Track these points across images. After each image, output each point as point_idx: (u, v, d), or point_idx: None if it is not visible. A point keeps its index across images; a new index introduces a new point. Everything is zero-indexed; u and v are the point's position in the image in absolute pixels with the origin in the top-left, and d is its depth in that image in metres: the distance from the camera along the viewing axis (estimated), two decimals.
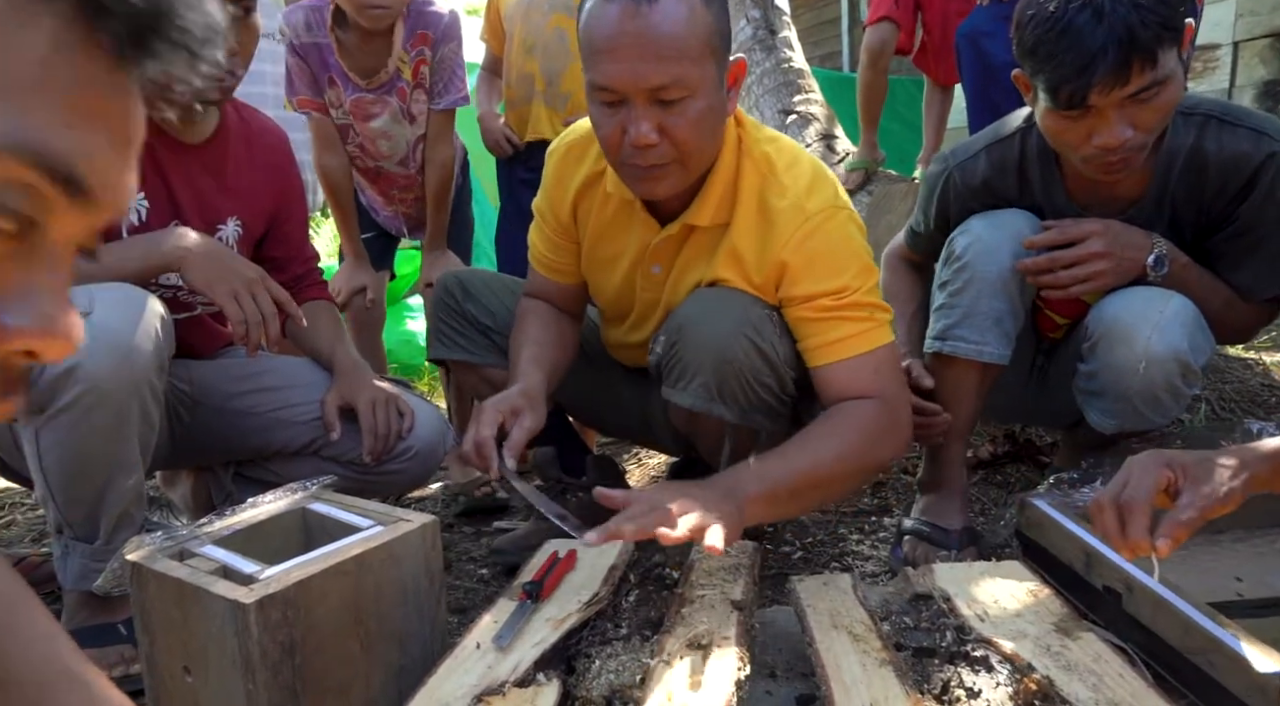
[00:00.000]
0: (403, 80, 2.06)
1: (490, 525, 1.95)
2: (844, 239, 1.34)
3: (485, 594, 1.58)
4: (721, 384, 1.31)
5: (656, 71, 1.18)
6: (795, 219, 1.32)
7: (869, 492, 1.96)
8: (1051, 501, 1.35)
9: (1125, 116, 1.27)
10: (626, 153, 1.24)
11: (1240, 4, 3.85)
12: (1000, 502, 1.85)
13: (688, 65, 1.20)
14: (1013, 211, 1.51)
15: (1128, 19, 1.20)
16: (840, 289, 1.30)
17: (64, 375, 1.15)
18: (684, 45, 1.19)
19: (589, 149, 1.45)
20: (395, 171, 2.21)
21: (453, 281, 1.63)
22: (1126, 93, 1.24)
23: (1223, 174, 1.38)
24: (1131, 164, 1.34)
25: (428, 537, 1.16)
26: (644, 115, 1.21)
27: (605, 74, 1.21)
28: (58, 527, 1.28)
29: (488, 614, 1.13)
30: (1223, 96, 3.98)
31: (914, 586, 1.18)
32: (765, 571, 1.49)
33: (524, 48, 2.29)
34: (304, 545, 1.21)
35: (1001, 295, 1.46)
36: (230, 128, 1.52)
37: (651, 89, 1.19)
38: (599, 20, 1.20)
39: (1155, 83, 1.24)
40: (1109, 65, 1.21)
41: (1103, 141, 1.29)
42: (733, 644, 0.99)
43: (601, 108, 1.24)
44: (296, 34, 2.03)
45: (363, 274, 2.22)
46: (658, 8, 1.17)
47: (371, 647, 1.08)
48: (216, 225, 1.51)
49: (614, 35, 1.18)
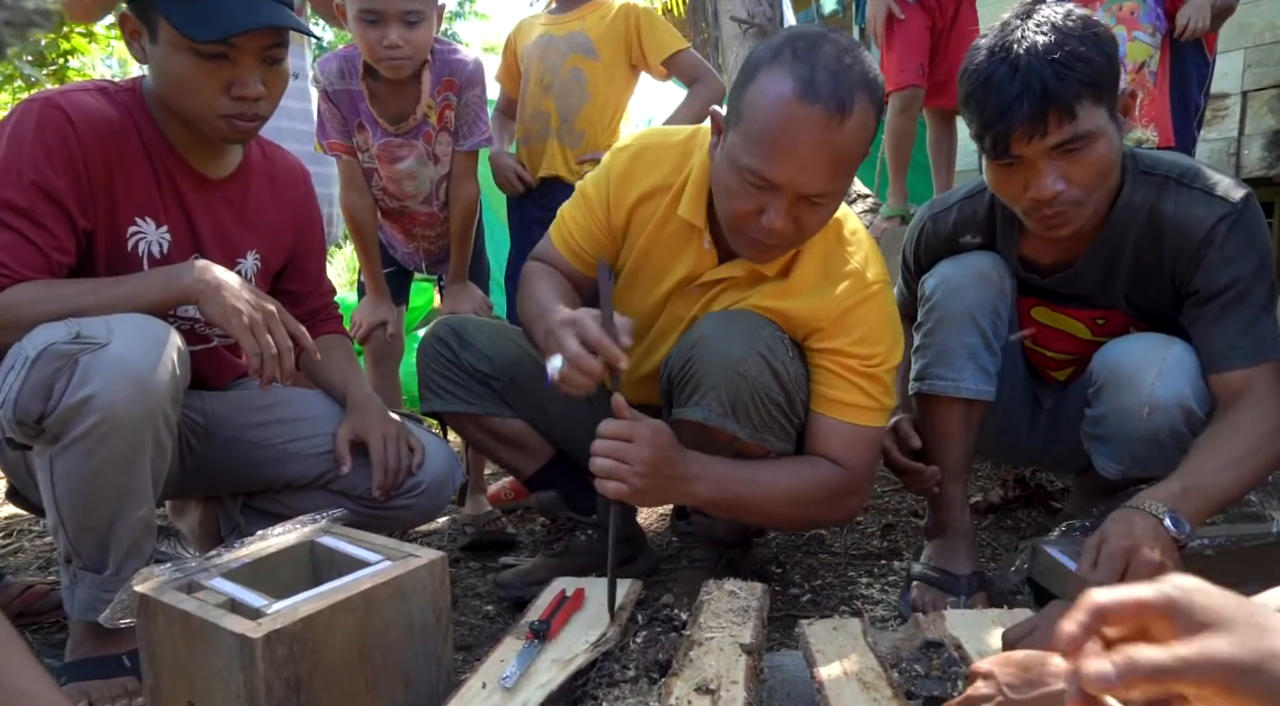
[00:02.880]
0: (429, 125, 2.11)
1: (496, 560, 1.94)
2: (888, 312, 1.41)
3: (491, 631, 1.56)
4: (735, 398, 1.33)
5: (822, 183, 1.21)
6: (857, 284, 1.38)
7: (879, 535, 1.95)
8: (1063, 548, 1.34)
9: (1056, 169, 1.28)
10: (754, 229, 1.27)
11: (1249, 55, 3.90)
12: (1011, 547, 1.83)
13: (845, 178, 1.25)
14: (978, 254, 1.54)
15: (1042, 72, 1.23)
16: (870, 356, 1.37)
17: (80, 404, 1.16)
18: (851, 163, 1.22)
19: (664, 159, 1.45)
20: (419, 210, 2.25)
21: (446, 330, 1.60)
22: (1048, 144, 1.26)
23: (1178, 238, 1.37)
24: (1071, 219, 1.34)
25: (436, 573, 1.15)
26: (788, 209, 1.23)
27: (772, 168, 1.19)
28: (67, 556, 1.27)
29: (494, 652, 1.12)
30: (1231, 145, 4.01)
31: (925, 633, 1.17)
32: (774, 613, 1.48)
33: (540, 86, 2.33)
34: (312, 579, 1.21)
35: (970, 330, 1.49)
36: (253, 163, 1.55)
37: (808, 195, 1.22)
38: (785, 114, 1.17)
39: (1078, 137, 1.25)
40: (1024, 114, 1.24)
41: (1034, 193, 1.30)
42: (741, 688, 0.97)
43: (747, 185, 1.23)
44: (330, 81, 2.09)
45: (384, 309, 2.25)
46: (847, 126, 1.17)
47: (377, 685, 1.07)
48: (236, 259, 1.53)
49: (796, 137, 1.17)
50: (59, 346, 1.16)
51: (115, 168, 1.35)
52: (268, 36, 1.34)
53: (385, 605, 1.08)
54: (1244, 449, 1.25)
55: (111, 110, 1.36)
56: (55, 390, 1.15)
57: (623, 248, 1.52)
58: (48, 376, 1.15)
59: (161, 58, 1.34)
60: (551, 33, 2.35)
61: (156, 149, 1.41)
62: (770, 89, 1.18)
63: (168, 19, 1.28)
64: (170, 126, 1.42)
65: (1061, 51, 1.24)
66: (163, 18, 1.29)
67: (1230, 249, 1.33)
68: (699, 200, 1.40)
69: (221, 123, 1.37)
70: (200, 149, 1.45)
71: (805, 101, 1.16)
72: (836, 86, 1.16)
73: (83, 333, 1.18)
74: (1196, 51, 2.77)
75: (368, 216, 2.21)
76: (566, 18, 2.35)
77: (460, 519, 2.18)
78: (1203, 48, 2.78)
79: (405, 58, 1.97)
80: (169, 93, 1.37)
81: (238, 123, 1.37)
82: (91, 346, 1.17)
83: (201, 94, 1.34)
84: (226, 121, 1.36)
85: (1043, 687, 0.76)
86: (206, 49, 1.30)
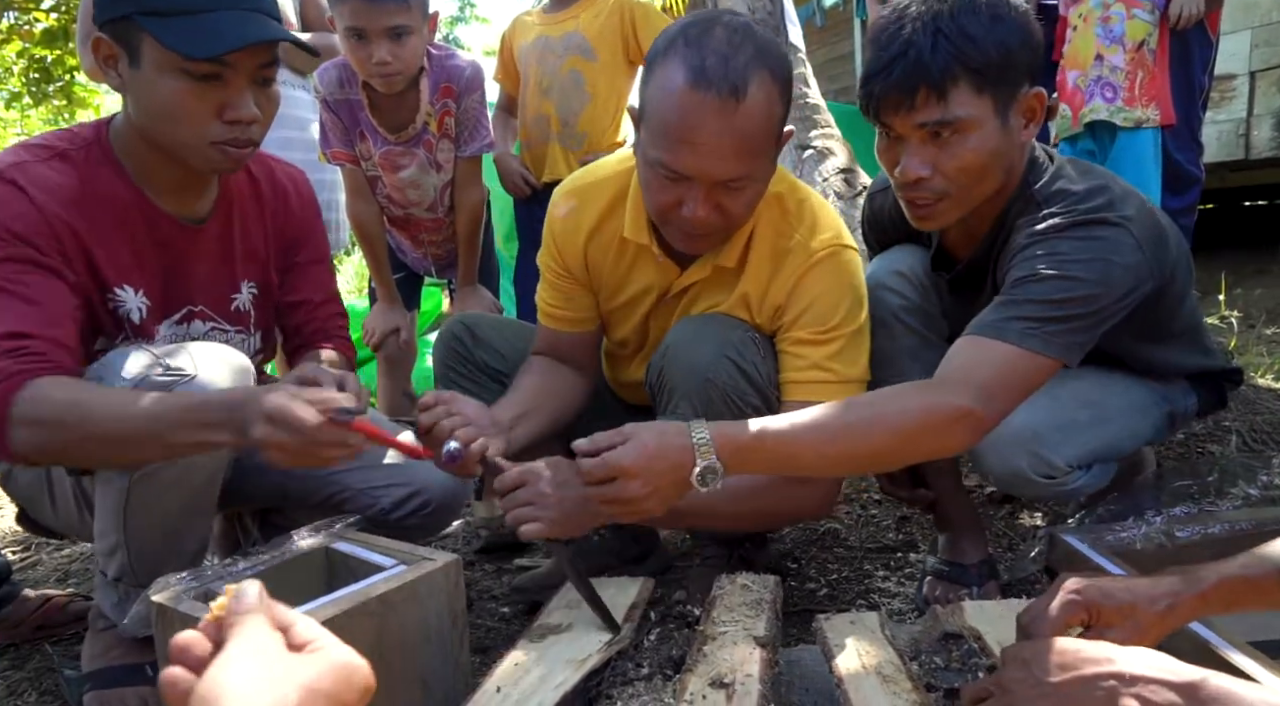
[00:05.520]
0: (429, 132, 2.11)
1: (511, 562, 1.94)
2: (838, 276, 1.35)
3: (507, 633, 1.56)
4: (707, 404, 1.31)
5: (730, 168, 1.19)
6: (802, 254, 1.35)
7: (894, 528, 1.94)
8: (1081, 536, 1.33)
9: (926, 153, 1.21)
10: (679, 220, 1.26)
11: (1256, 34, 3.86)
12: (1029, 536, 1.82)
13: (757, 159, 1.22)
14: (900, 248, 1.50)
15: (920, 43, 1.15)
16: (822, 324, 1.33)
17: None
18: (759, 143, 1.20)
19: (593, 196, 1.46)
20: (424, 217, 2.25)
21: (460, 328, 1.61)
22: (915, 120, 1.18)
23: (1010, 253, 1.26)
24: (935, 213, 1.26)
25: (451, 577, 1.15)
26: (705, 198, 1.22)
27: (677, 160, 1.19)
28: (118, 575, 1.27)
29: (510, 655, 1.12)
30: (1240, 126, 3.98)
31: (943, 625, 1.16)
32: (790, 608, 1.47)
33: (539, 89, 2.33)
34: (328, 584, 1.21)
35: (903, 332, 1.44)
36: (232, 191, 1.44)
37: (721, 181, 1.21)
38: (680, 105, 1.16)
39: (945, 121, 1.17)
40: (893, 81, 1.17)
41: (898, 172, 1.25)
42: (756, 682, 0.97)
43: (661, 178, 1.23)
44: (330, 91, 2.09)
45: (395, 315, 2.26)
46: (743, 108, 1.15)
47: (394, 689, 1.07)
48: (231, 295, 1.46)
49: (694, 127, 1.16)
50: (153, 379, 1.15)
51: (92, 239, 1.25)
52: (262, 54, 1.24)
53: (401, 609, 1.08)
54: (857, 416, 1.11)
55: (74, 179, 1.24)
56: None
57: (599, 291, 1.52)
58: None
59: (145, 82, 1.21)
60: (547, 34, 2.34)
61: (131, 208, 1.30)
62: (665, 80, 1.18)
63: (156, 37, 1.17)
64: (145, 170, 1.30)
65: (952, 25, 1.15)
66: (148, 36, 1.17)
67: (1031, 255, 1.20)
68: (640, 218, 1.39)
69: (213, 151, 1.25)
70: (178, 190, 1.34)
71: (698, 89, 1.14)
72: (727, 70, 1.14)
73: (170, 364, 1.16)
74: (1199, 32, 2.75)
75: (375, 224, 2.22)
76: (560, 16, 2.34)
77: (474, 522, 2.18)
78: (1205, 28, 2.76)
79: (395, 73, 1.97)
80: (154, 122, 1.25)
81: (229, 150, 1.26)
82: (182, 379, 1.16)
83: (192, 120, 1.22)
84: (218, 149, 1.25)
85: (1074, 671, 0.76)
86: (198, 69, 1.19)
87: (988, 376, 1.13)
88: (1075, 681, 0.75)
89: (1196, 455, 2.06)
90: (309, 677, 0.51)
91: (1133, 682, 0.72)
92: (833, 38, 7.74)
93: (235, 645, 0.52)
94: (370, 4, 1.90)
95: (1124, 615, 0.87)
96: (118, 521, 1.22)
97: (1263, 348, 2.86)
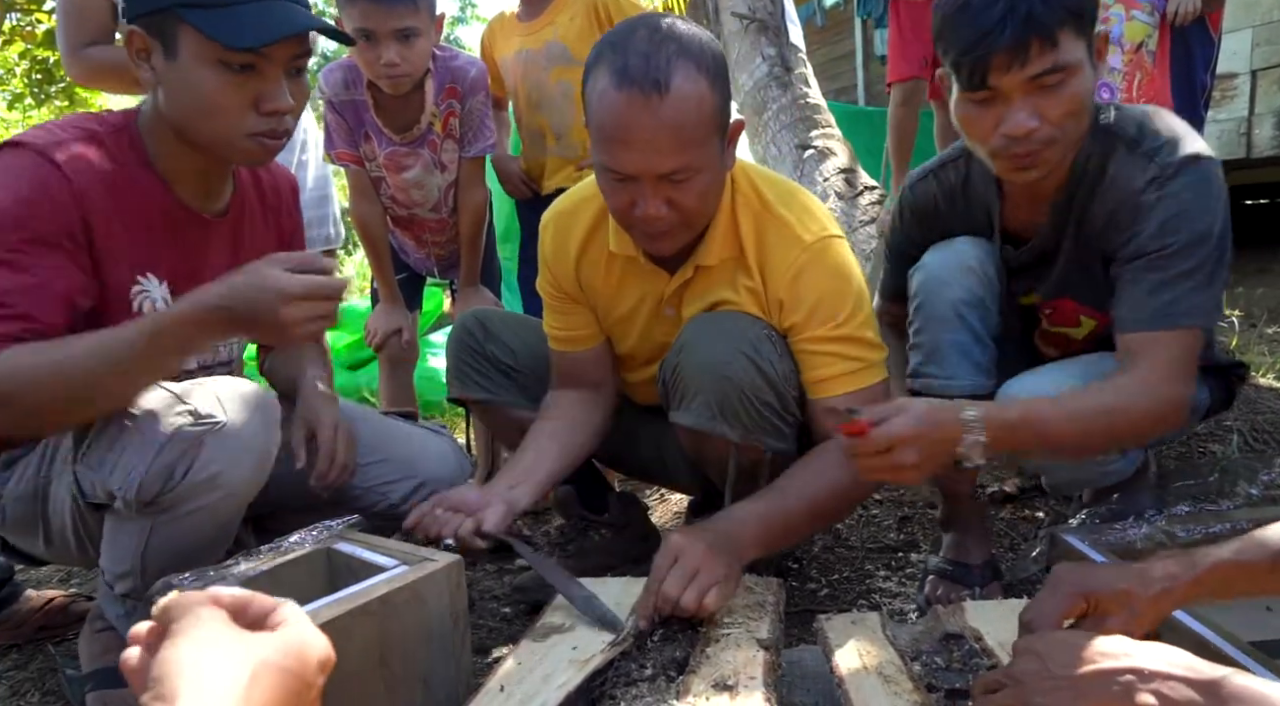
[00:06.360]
0: (434, 133, 2.11)
1: (513, 563, 1.94)
2: (836, 265, 1.37)
3: (509, 633, 1.57)
4: (723, 402, 1.32)
5: (668, 160, 1.21)
6: (792, 250, 1.36)
7: (895, 528, 1.94)
8: (1082, 536, 1.33)
9: (1030, 104, 1.22)
10: (636, 221, 1.28)
11: (1258, 33, 3.86)
12: (1030, 537, 1.82)
13: (696, 149, 1.22)
14: (964, 240, 1.48)
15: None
16: (834, 319, 1.35)
17: (205, 482, 1.17)
18: (693, 133, 1.21)
19: (577, 217, 1.49)
20: (428, 217, 2.26)
21: (473, 321, 1.64)
22: (1028, 73, 1.20)
23: (1113, 202, 1.32)
24: (1041, 161, 1.27)
25: (452, 577, 1.15)
26: (653, 193, 1.24)
27: (617, 161, 1.22)
28: (128, 593, 1.27)
29: (512, 654, 1.12)
30: (1241, 125, 3.97)
31: (945, 625, 1.16)
32: (791, 608, 1.47)
33: (530, 104, 2.32)
34: (329, 585, 1.21)
35: (958, 327, 1.43)
36: (244, 189, 1.48)
37: (662, 175, 1.22)
38: (609, 107, 1.20)
39: (1058, 68, 1.20)
40: (1006, 40, 1.18)
41: (1008, 128, 1.24)
42: (759, 684, 0.97)
43: (611, 181, 1.26)
44: (335, 92, 2.09)
45: (398, 315, 2.27)
46: (669, 100, 1.17)
47: (396, 689, 1.07)
48: None
49: (626, 126, 1.19)
50: (186, 431, 1.16)
51: (118, 225, 1.26)
52: (296, 44, 1.25)
53: (403, 609, 1.08)
54: (1097, 407, 1.21)
55: (108, 162, 1.25)
56: (178, 471, 1.16)
57: (596, 308, 1.54)
58: (172, 460, 1.15)
59: (182, 74, 1.22)
60: (528, 47, 2.32)
61: (156, 198, 1.31)
62: (595, 86, 1.22)
63: (198, 28, 1.18)
64: (171, 162, 1.31)
65: None
66: (189, 27, 1.18)
67: (1162, 213, 1.26)
68: (621, 231, 1.40)
69: (250, 142, 1.26)
70: (201, 183, 1.37)
71: (621, 89, 1.18)
72: (648, 66, 1.17)
73: (198, 410, 1.17)
74: (1200, 31, 2.74)
75: (378, 225, 2.22)
76: (536, 25, 2.32)
77: None
78: (1207, 27, 2.75)
79: (403, 74, 1.97)
80: (189, 115, 1.25)
81: (266, 141, 1.27)
82: (213, 426, 1.17)
83: (229, 111, 1.23)
84: (255, 140, 1.26)
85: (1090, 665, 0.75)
86: (237, 60, 1.20)
87: (1184, 363, 1.25)
88: (1092, 675, 0.74)
89: (1198, 455, 2.06)
90: (264, 653, 0.53)
91: (1151, 678, 0.70)
92: (833, 37, 7.75)
93: (180, 625, 0.54)
94: (380, 6, 1.90)
95: (1120, 602, 0.87)
96: (135, 560, 1.23)
97: (1264, 347, 2.85)
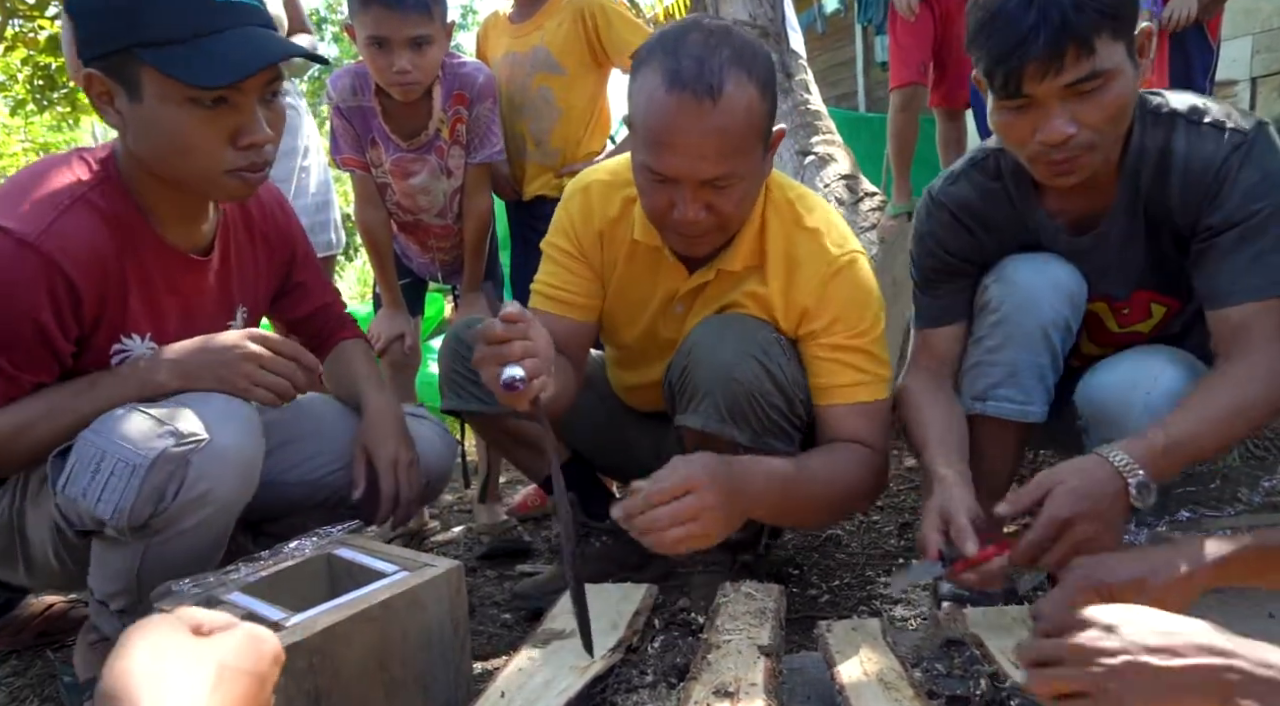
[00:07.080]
0: (441, 139, 2.12)
1: (513, 569, 1.94)
2: (860, 281, 1.39)
3: (509, 639, 1.56)
4: (731, 404, 1.32)
5: (713, 167, 1.21)
6: (820, 263, 1.37)
7: (895, 534, 1.93)
8: None
9: (1067, 110, 1.20)
10: (672, 222, 1.28)
11: (1258, 40, 3.87)
12: None
13: (740, 157, 1.23)
14: (1052, 260, 1.41)
15: (1060, 3, 1.14)
16: (853, 330, 1.37)
17: (195, 500, 1.16)
18: (740, 141, 1.21)
19: (613, 192, 1.47)
20: (433, 223, 2.26)
21: (466, 332, 1.60)
22: (1063, 81, 1.17)
23: (1188, 177, 1.29)
24: (1080, 166, 1.24)
25: (452, 583, 1.15)
26: (693, 198, 1.23)
27: (662, 163, 1.22)
28: (123, 609, 1.26)
29: (512, 660, 1.12)
30: None
31: (945, 632, 1.16)
32: (792, 615, 1.47)
33: (513, 107, 2.32)
34: (329, 591, 1.21)
35: (1044, 350, 1.39)
36: (229, 219, 1.43)
37: (705, 180, 1.22)
38: (658, 109, 1.19)
39: (1095, 74, 1.17)
40: (1040, 48, 1.15)
41: (1045, 136, 1.22)
42: (760, 691, 0.97)
43: (651, 181, 1.26)
44: (343, 98, 2.10)
45: (401, 321, 2.27)
46: (721, 106, 1.17)
47: (396, 695, 1.07)
48: (228, 323, 1.44)
49: (673, 129, 1.19)
50: (171, 451, 1.12)
51: (107, 295, 1.23)
52: (269, 71, 1.18)
53: (403, 615, 1.08)
54: (1230, 406, 1.17)
55: (102, 229, 1.21)
56: (169, 492, 1.14)
57: (608, 285, 1.51)
58: (161, 482, 1.13)
59: (150, 117, 1.16)
60: (515, 50, 2.32)
61: (143, 247, 1.27)
62: (644, 85, 1.22)
63: (160, 69, 1.11)
64: (151, 203, 1.27)
65: None
66: (150, 69, 1.12)
67: (1245, 180, 1.24)
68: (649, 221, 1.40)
69: (230, 180, 1.21)
70: (184, 221, 1.32)
71: (673, 91, 1.18)
72: (702, 71, 1.17)
73: (179, 430, 1.14)
74: (1199, 38, 2.75)
75: (383, 231, 2.22)
76: (525, 28, 2.32)
77: (476, 528, 2.18)
78: (1205, 34, 2.76)
79: (415, 82, 1.98)
80: (163, 156, 1.19)
81: (247, 175, 1.21)
82: (197, 443, 1.15)
83: (205, 150, 1.18)
84: (236, 176, 1.21)
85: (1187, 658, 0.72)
86: (207, 96, 1.13)
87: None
88: (1185, 669, 0.71)
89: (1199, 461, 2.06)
90: (223, 655, 0.54)
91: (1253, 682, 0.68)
92: (834, 44, 7.76)
93: (134, 637, 0.55)
94: (394, 13, 1.91)
95: (1135, 589, 0.87)
96: (130, 579, 1.22)
97: None
